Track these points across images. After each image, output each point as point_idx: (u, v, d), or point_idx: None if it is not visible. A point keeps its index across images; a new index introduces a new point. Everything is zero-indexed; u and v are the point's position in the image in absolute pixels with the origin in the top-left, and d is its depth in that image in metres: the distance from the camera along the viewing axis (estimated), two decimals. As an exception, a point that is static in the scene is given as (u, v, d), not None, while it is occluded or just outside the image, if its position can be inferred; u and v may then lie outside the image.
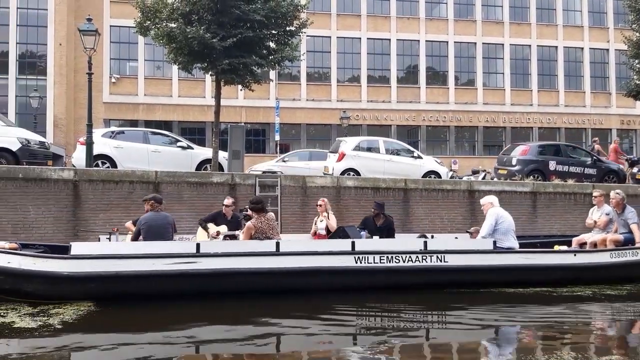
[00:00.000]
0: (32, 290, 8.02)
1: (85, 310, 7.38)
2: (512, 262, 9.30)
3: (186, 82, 32.17)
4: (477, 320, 7.52)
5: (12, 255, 7.93)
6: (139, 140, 15.42)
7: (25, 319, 6.88)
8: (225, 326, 7.05)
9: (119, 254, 8.19)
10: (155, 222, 8.56)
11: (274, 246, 8.54)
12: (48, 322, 6.73)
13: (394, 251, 8.92)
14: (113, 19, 31.29)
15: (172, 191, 12.54)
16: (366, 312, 7.99)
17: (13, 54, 30.69)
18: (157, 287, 8.15)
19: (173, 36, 13.91)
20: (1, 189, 11.68)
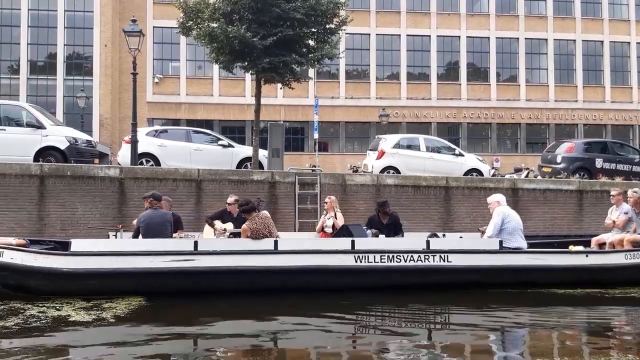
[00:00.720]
0: (34, 285, 8.18)
1: (136, 305, 7.58)
2: (520, 262, 8.96)
3: (226, 82, 32.55)
4: (483, 321, 7.35)
5: (15, 252, 8.11)
6: (181, 138, 15.70)
7: (80, 312, 7.10)
8: (228, 322, 7.08)
9: (117, 251, 8.25)
10: (153, 220, 8.58)
11: (272, 244, 8.47)
12: (102, 316, 6.94)
13: (395, 250, 8.68)
14: (156, 20, 31.93)
15: (214, 189, 12.72)
16: (366, 312, 7.85)
17: (61, 55, 31.71)
18: (155, 284, 8.13)
19: (214, 36, 14.07)
20: (50, 187, 12.08)
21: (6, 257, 8.02)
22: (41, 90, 31.54)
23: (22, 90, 31.20)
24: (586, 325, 7.43)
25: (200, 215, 12.53)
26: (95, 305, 7.44)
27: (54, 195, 11.98)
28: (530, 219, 13.80)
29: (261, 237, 8.48)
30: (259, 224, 8.53)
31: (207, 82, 33.07)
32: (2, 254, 8.07)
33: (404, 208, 13.13)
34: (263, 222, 8.60)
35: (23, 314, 6.97)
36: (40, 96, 30.64)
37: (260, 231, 8.49)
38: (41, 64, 32.13)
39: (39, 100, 28.27)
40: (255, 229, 8.48)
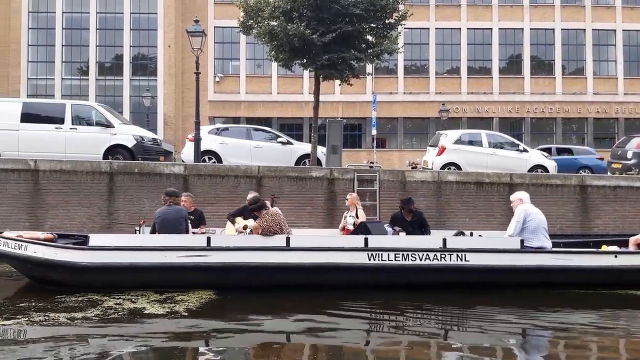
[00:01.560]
0: (56, 278, 8.52)
1: (207, 298, 7.79)
2: (542, 262, 8.53)
3: (285, 79, 32.85)
4: (501, 322, 7.11)
5: (39, 246, 8.45)
6: (242, 136, 16.00)
7: (154, 305, 7.37)
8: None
9: (133, 246, 8.43)
10: (168, 216, 8.75)
11: (284, 241, 8.43)
12: (175, 309, 7.17)
13: (410, 248, 8.46)
14: (217, 20, 32.59)
15: (274, 185, 12.88)
16: (380, 310, 7.74)
17: (127, 56, 32.89)
18: (169, 279, 8.28)
19: (274, 34, 14.24)
20: (119, 183, 12.58)
21: (30, 251, 8.42)
22: (109, 91, 32.86)
23: (91, 91, 32.59)
24: (610, 328, 7.05)
25: (261, 212, 12.74)
26: (168, 298, 7.69)
27: (122, 191, 12.47)
28: (600, 217, 13.26)
29: (272, 234, 8.49)
30: (269, 220, 8.55)
31: (266, 80, 33.49)
32: (26, 247, 8.47)
33: (466, 205, 12.89)
34: (273, 218, 8.61)
35: (101, 306, 7.30)
36: (108, 96, 31.91)
37: (271, 228, 8.50)
38: (108, 65, 33.44)
39: (106, 100, 29.46)
40: (266, 226, 8.51)
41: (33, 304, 7.34)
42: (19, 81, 32.17)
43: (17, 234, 8.96)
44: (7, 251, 8.65)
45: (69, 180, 12.47)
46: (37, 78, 32.75)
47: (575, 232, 12.81)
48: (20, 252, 8.51)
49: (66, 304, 7.39)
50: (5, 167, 12.44)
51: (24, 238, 8.67)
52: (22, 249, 8.52)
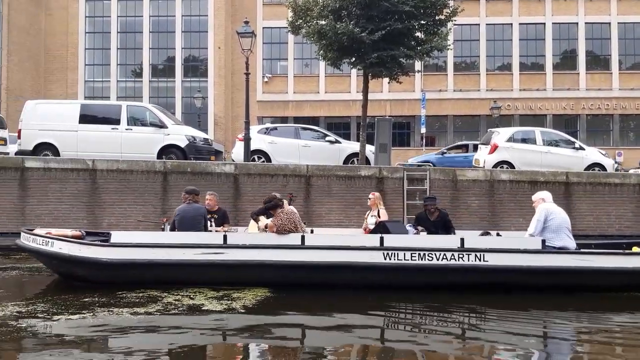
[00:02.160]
0: (80, 274, 8.73)
1: (262, 296, 7.86)
2: (564, 263, 8.13)
3: (332, 78, 32.88)
4: (520, 325, 6.78)
5: (63, 242, 8.65)
6: (290, 135, 16.10)
7: (212, 302, 7.46)
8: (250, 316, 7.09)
9: (152, 243, 8.52)
10: (187, 214, 8.84)
11: (300, 239, 8.38)
12: (232, 306, 7.26)
13: (426, 248, 8.24)
14: (265, 21, 32.93)
15: (322, 184, 12.91)
16: (396, 310, 7.61)
17: (179, 58, 33.70)
18: (187, 276, 8.35)
19: (323, 33, 14.27)
20: (173, 182, 12.88)
21: (56, 247, 8.67)
22: (162, 92, 33.74)
23: (145, 92, 33.54)
24: (635, 333, 6.70)
25: (309, 210, 12.79)
26: (225, 295, 7.80)
27: (176, 190, 12.74)
28: (663, 218, 12.68)
29: (287, 232, 8.45)
30: (284, 219, 8.51)
31: (314, 80, 33.61)
32: (52, 244, 8.71)
33: (520, 205, 12.56)
34: (288, 217, 8.56)
35: (161, 302, 7.45)
36: (161, 97, 32.76)
37: (286, 226, 8.47)
38: (161, 67, 34.34)
39: (159, 101, 30.26)
40: (281, 225, 8.48)
41: (96, 299, 7.56)
42: (77, 84, 33.44)
43: (46, 231, 9.22)
44: (36, 247, 8.95)
45: (125, 179, 12.86)
46: (93, 80, 33.97)
47: (635, 233, 12.32)
48: (47, 249, 8.77)
49: (128, 299, 7.59)
50: (65, 167, 12.93)
51: (52, 235, 8.90)
52: (49, 245, 8.78)
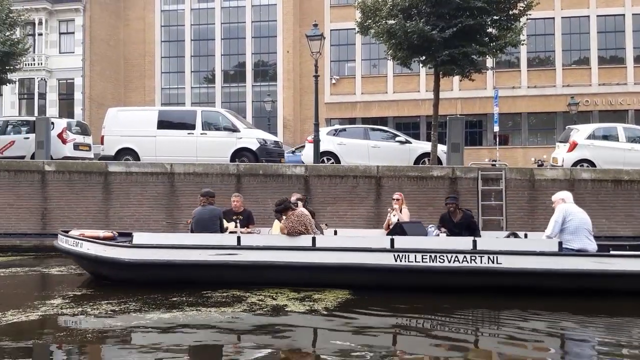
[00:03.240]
0: (106, 273, 9.09)
1: (343, 298, 7.92)
2: (581, 266, 7.84)
3: (401, 78, 32.55)
4: (532, 330, 6.52)
5: (91, 243, 9.06)
6: (359, 136, 16.07)
7: (294, 303, 7.62)
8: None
9: (170, 244, 8.81)
10: (202, 216, 9.09)
11: (310, 241, 8.45)
12: (314, 307, 7.38)
13: (437, 250, 8.14)
14: (333, 23, 33.07)
15: (393, 185, 12.78)
16: (407, 312, 7.46)
17: (249, 64, 34.48)
18: (202, 275, 8.55)
19: (393, 32, 14.16)
20: (246, 184, 13.16)
21: (84, 248, 9.13)
22: (233, 97, 34.63)
23: (217, 98, 34.53)
24: None
25: (380, 212, 12.70)
26: (306, 296, 7.92)
27: (248, 191, 13.01)
28: None
29: (297, 234, 8.55)
30: (295, 221, 8.61)
31: (382, 80, 33.39)
32: (81, 245, 9.16)
33: (603, 206, 11.95)
34: (298, 219, 8.66)
35: (246, 302, 7.69)
36: (232, 102, 33.62)
37: (296, 228, 8.58)
38: (232, 72, 35.23)
39: (231, 105, 31.06)
40: (291, 227, 8.59)
41: (184, 299, 7.85)
42: (154, 91, 34.88)
43: (80, 232, 9.66)
44: (68, 248, 9.44)
45: (201, 182, 13.24)
46: (169, 88, 35.33)
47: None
48: (77, 249, 9.25)
49: (214, 299, 7.84)
50: (145, 171, 13.49)
51: (82, 236, 9.36)
52: (79, 246, 9.24)
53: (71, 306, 7.55)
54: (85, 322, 6.80)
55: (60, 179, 13.53)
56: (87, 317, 6.98)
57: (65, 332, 6.57)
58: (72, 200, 13.40)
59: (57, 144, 15.76)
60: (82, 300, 7.85)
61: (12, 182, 13.58)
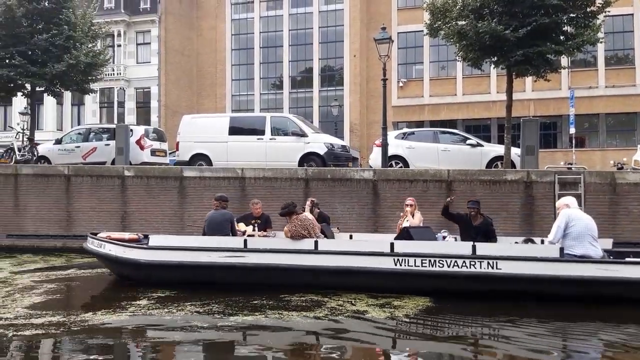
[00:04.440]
0: (126, 273, 9.58)
1: (423, 305, 7.86)
2: (583, 273, 7.68)
3: (470, 80, 31.85)
4: (533, 336, 6.41)
5: (113, 245, 9.56)
6: (429, 140, 15.83)
7: (375, 309, 7.61)
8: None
9: (182, 246, 9.21)
10: (213, 220, 9.50)
11: (313, 245, 8.69)
12: (395, 314, 7.35)
13: (437, 254, 8.21)
14: (400, 26, 32.83)
15: (465, 189, 12.51)
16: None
17: (316, 69, 34.80)
18: (212, 276, 8.89)
19: (464, 33, 13.89)
20: (314, 188, 13.26)
21: (106, 249, 9.66)
22: (300, 102, 35.05)
23: (285, 104, 35.06)
24: None
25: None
26: (386, 303, 7.91)
27: (316, 196, 13.02)
28: None
29: (300, 238, 8.82)
30: (298, 226, 8.89)
31: (450, 82, 32.79)
32: (104, 246, 9.69)
33: (694, 210, 11.19)
34: (302, 224, 8.92)
35: (325, 306, 7.78)
36: (300, 107, 34.04)
37: (298, 232, 8.85)
38: (299, 78, 35.68)
39: (298, 111, 31.48)
40: (294, 231, 8.88)
41: (264, 302, 8.03)
42: (224, 98, 35.86)
43: (107, 234, 10.18)
44: (93, 249, 10.01)
45: (270, 186, 13.49)
46: (239, 94, 36.22)
47: None
48: (101, 250, 9.79)
49: (294, 303, 7.97)
50: (217, 175, 13.88)
51: (106, 238, 9.87)
52: (103, 247, 9.76)
53: (157, 307, 7.84)
54: (172, 323, 7.03)
55: (138, 184, 14.16)
56: (174, 318, 7.22)
57: (153, 332, 6.86)
58: (150, 203, 13.98)
59: (136, 150, 16.48)
60: (167, 301, 8.15)
61: (95, 187, 14.33)
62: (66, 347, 6.22)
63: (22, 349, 6.17)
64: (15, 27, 18.21)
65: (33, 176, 14.84)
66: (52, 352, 6.18)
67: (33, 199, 14.68)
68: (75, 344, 6.28)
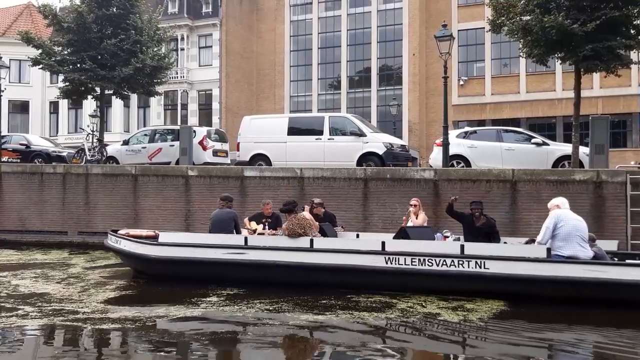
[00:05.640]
0: (140, 268, 10.16)
1: (498, 309, 7.70)
2: (570, 273, 7.74)
3: (534, 77, 30.82)
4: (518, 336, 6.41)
5: (127, 241, 10.17)
6: (492, 138, 15.41)
7: (447, 312, 7.51)
8: None
9: (189, 242, 9.71)
10: (218, 218, 9.98)
11: (309, 243, 9.01)
12: (468, 317, 7.23)
13: (426, 253, 8.41)
14: (460, 24, 32.19)
15: (530, 190, 12.11)
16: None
17: (374, 68, 34.63)
18: (215, 272, 9.35)
19: (529, 28, 13.46)
20: (372, 188, 13.17)
21: (122, 245, 10.25)
22: (358, 102, 34.98)
23: (343, 104, 35.08)
24: None
25: (516, 218, 12.10)
26: (458, 306, 7.80)
27: (375, 196, 13.04)
28: None
29: (297, 236, 9.16)
30: (295, 224, 9.26)
31: (513, 80, 31.84)
32: (120, 242, 10.31)
33: None
34: (299, 222, 9.28)
35: (395, 307, 7.76)
36: (357, 107, 33.96)
37: (295, 230, 9.20)
38: (357, 78, 35.59)
39: (356, 111, 31.42)
40: (291, 229, 9.24)
41: (333, 302, 8.10)
42: (283, 99, 36.25)
43: (126, 231, 10.76)
44: (112, 245, 10.59)
45: (328, 186, 13.51)
46: (297, 95, 36.53)
47: None
48: (117, 246, 10.39)
49: (363, 304, 7.98)
50: (277, 175, 14.03)
51: (125, 235, 10.43)
52: (119, 244, 10.35)
53: (227, 304, 8.02)
54: (244, 320, 7.17)
55: (201, 183, 14.51)
56: (245, 315, 7.36)
57: (226, 328, 7.00)
58: (212, 202, 14.24)
59: (198, 151, 16.90)
60: (236, 299, 8.30)
61: (160, 186, 14.80)
62: (142, 341, 6.44)
63: (100, 342, 6.44)
64: (86, 32, 19.06)
65: (102, 176, 15.48)
66: (128, 345, 6.40)
67: (102, 198, 15.32)
68: (150, 338, 6.49)
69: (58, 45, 20.18)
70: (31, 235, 15.63)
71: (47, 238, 15.44)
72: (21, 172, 16.27)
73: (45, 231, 15.60)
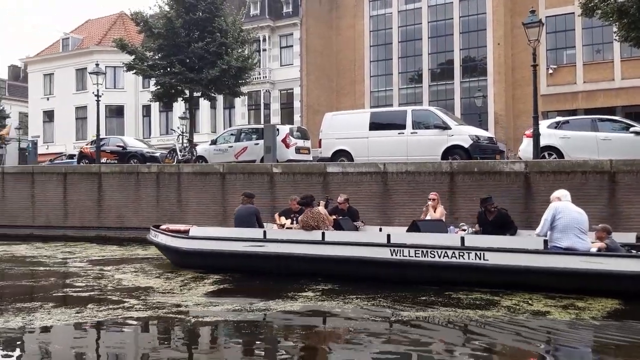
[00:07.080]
0: (173, 260, 11.10)
1: (611, 308, 7.33)
2: (567, 265, 7.88)
3: (631, 63, 28.85)
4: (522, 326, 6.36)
5: (163, 235, 11.18)
6: (586, 128, 14.57)
7: (557, 310, 7.21)
8: None
9: (214, 236, 10.55)
10: (240, 213, 10.82)
11: (320, 236, 9.52)
12: (581, 316, 6.91)
13: (428, 245, 8.71)
14: (548, 10, 30.72)
15: (631, 181, 11.40)
16: (401, 303, 7.61)
17: (457, 60, 33.76)
18: (238, 264, 10.09)
19: (624, 10, 12.67)
20: (459, 182, 12.88)
21: (159, 239, 11.31)
22: (440, 95, 34.23)
23: (425, 97, 34.45)
24: None
25: (616, 212, 11.42)
26: (569, 304, 7.50)
27: (462, 190, 12.74)
28: None
29: (310, 229, 9.71)
30: (309, 218, 9.79)
31: (607, 66, 29.97)
32: (158, 236, 11.35)
33: None
34: (313, 216, 9.78)
35: (500, 305, 7.53)
36: (440, 100, 33.24)
37: (309, 224, 9.75)
38: (439, 70, 34.84)
39: (438, 104, 30.74)
40: (305, 221, 9.82)
41: (433, 298, 7.97)
42: (363, 95, 36.15)
43: (166, 226, 11.79)
44: (152, 239, 11.63)
45: (413, 180, 13.35)
46: (377, 90, 36.30)
47: None
48: (155, 240, 11.44)
49: (464, 301, 7.81)
50: (359, 171, 14.04)
51: (165, 229, 11.41)
52: (157, 238, 11.39)
53: (324, 299, 8.05)
54: (344, 314, 7.18)
55: (285, 180, 14.79)
56: (344, 310, 7.37)
57: (327, 322, 7.04)
58: (296, 199, 14.52)
59: (282, 148, 17.26)
60: (332, 294, 8.36)
61: (247, 183, 15.23)
62: (246, 334, 6.58)
63: (204, 334, 6.68)
64: (175, 37, 19.93)
65: (193, 174, 16.15)
66: (232, 337, 6.56)
67: (193, 195, 15.99)
68: (254, 331, 6.65)
69: (149, 51, 21.25)
70: (129, 232, 16.57)
71: (143, 234, 16.32)
72: (119, 172, 17.30)
73: (142, 227, 16.49)
